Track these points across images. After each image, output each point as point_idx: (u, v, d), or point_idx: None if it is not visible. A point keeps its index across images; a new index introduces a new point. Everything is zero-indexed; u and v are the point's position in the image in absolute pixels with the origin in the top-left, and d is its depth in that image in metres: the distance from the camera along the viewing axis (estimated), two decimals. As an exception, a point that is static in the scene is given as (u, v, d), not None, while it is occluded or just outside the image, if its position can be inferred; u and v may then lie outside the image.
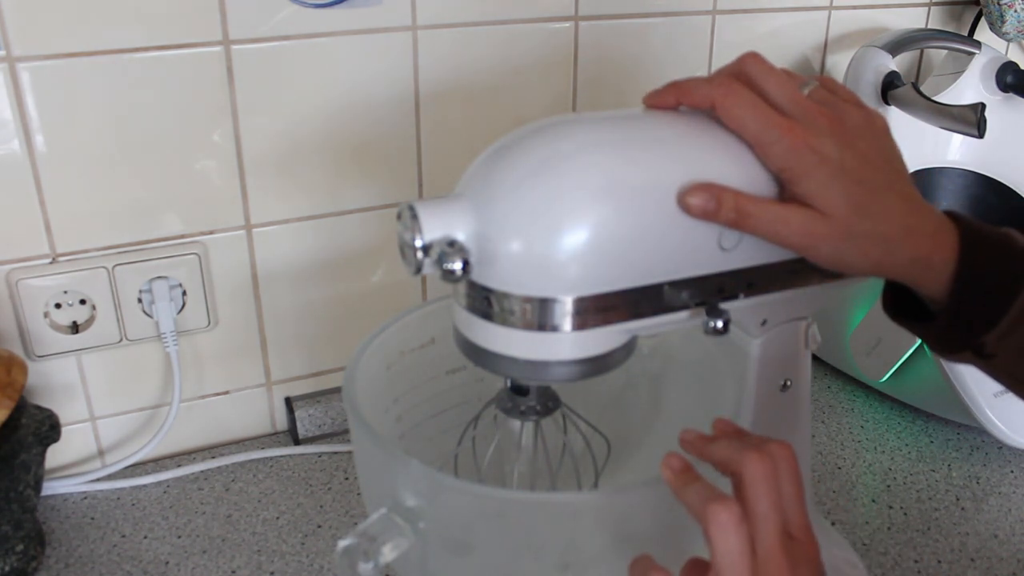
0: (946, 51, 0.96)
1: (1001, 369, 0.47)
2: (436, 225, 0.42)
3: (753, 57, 0.45)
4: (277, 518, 0.73)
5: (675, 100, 0.46)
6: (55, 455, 0.75)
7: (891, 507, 0.76)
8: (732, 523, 0.39)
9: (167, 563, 0.68)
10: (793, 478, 0.42)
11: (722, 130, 0.45)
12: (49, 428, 0.68)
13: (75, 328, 0.72)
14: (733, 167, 0.45)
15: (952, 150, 0.93)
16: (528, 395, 0.53)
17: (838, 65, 0.97)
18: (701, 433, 0.45)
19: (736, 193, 0.43)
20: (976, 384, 0.79)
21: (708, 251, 0.45)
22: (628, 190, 0.42)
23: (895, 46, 0.88)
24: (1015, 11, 0.94)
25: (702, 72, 0.89)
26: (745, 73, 0.45)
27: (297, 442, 0.83)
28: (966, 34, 1.02)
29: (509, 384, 0.53)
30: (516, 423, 0.54)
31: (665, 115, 0.47)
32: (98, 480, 0.76)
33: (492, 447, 0.56)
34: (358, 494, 0.75)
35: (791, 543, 0.40)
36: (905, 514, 0.75)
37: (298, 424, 0.82)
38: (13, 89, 0.64)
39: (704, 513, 0.40)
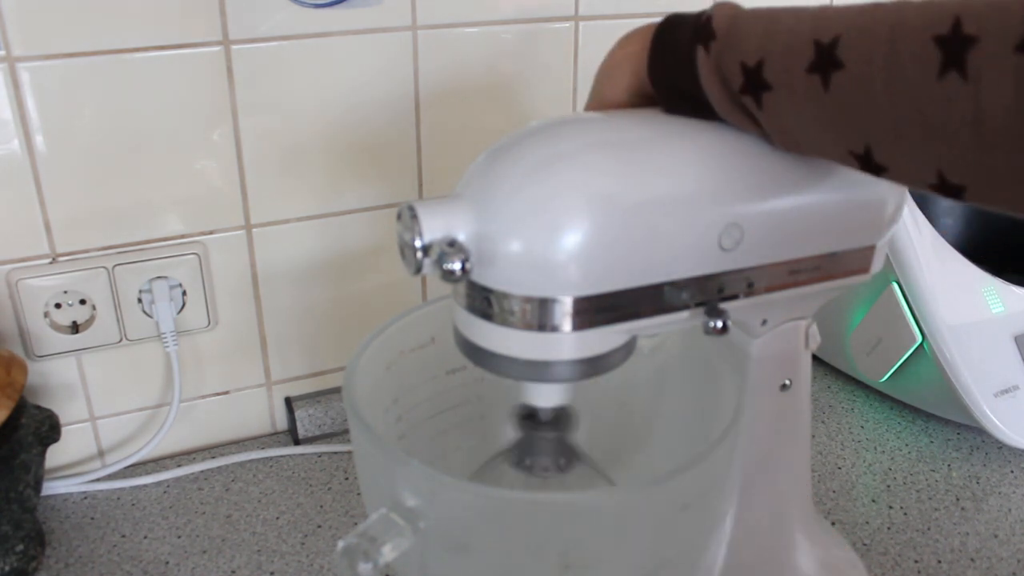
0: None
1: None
2: (436, 225, 0.42)
3: None
4: (277, 518, 0.73)
5: None
6: (55, 455, 0.75)
7: (891, 507, 0.76)
8: None
9: (167, 563, 0.68)
10: None
11: (722, 131, 0.45)
12: (49, 428, 0.68)
13: (75, 328, 0.72)
14: (732, 166, 0.45)
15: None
16: (544, 426, 0.51)
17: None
18: None
19: None
20: (976, 384, 0.79)
21: (708, 251, 0.45)
22: (628, 190, 0.42)
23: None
24: (1015, 11, 0.94)
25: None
26: None
27: (297, 442, 0.83)
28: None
29: (522, 408, 0.51)
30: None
31: (665, 115, 0.47)
32: (98, 480, 0.76)
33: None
34: (358, 494, 0.75)
35: None
36: (905, 514, 0.75)
37: (298, 424, 0.82)
38: (13, 89, 0.64)
39: None
